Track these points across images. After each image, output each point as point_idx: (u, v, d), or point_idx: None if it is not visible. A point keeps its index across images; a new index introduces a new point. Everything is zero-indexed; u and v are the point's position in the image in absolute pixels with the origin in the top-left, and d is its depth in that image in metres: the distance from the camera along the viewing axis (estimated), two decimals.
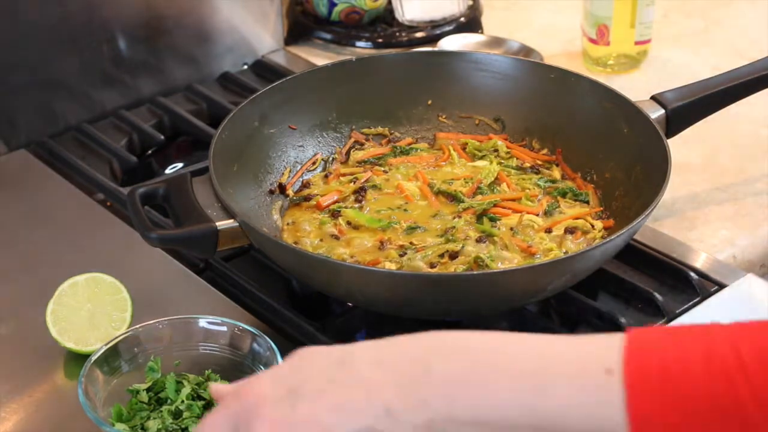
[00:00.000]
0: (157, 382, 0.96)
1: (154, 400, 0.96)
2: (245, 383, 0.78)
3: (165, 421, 0.93)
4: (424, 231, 1.14)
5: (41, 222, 1.23)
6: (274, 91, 1.23)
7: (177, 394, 0.95)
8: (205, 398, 0.95)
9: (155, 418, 0.93)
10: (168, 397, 0.95)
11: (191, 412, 0.93)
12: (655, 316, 1.08)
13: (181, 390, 0.95)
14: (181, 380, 0.96)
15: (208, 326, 0.99)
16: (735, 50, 1.58)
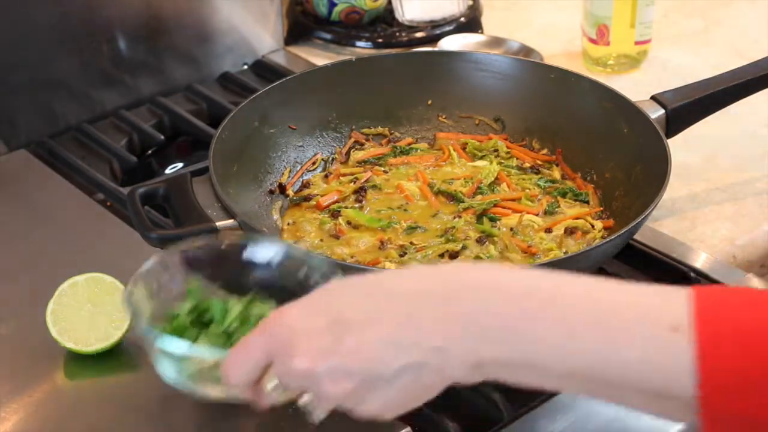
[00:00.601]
0: (199, 305, 0.91)
1: (197, 324, 0.90)
2: (274, 315, 0.76)
3: (215, 342, 0.88)
4: (424, 231, 1.14)
5: (41, 222, 1.23)
6: (274, 91, 1.23)
7: (223, 317, 0.89)
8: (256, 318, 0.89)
9: (203, 339, 0.88)
10: (212, 321, 0.90)
11: (243, 333, 0.87)
12: None
13: (228, 312, 0.90)
14: (226, 303, 0.91)
15: (254, 247, 0.93)
16: (735, 50, 1.58)
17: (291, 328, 0.74)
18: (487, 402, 0.98)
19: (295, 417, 0.95)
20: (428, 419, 0.96)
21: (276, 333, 0.75)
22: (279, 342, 0.74)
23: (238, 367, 0.77)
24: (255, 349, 0.76)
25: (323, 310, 0.74)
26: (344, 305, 0.73)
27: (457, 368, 0.71)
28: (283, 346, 0.74)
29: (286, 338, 0.74)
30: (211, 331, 0.89)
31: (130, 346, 1.03)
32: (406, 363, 0.71)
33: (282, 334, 0.74)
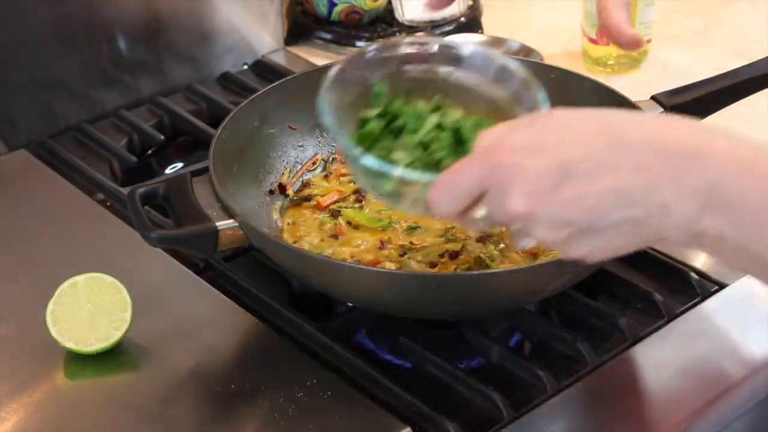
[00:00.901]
0: (389, 111, 0.86)
1: (388, 132, 0.86)
2: (495, 143, 0.71)
3: (414, 153, 0.83)
4: (424, 231, 1.14)
5: (41, 222, 1.23)
6: (274, 91, 1.23)
7: (416, 125, 0.85)
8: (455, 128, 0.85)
9: (399, 150, 0.83)
10: (403, 128, 0.85)
11: (441, 142, 0.83)
12: (655, 316, 1.08)
13: (422, 120, 0.85)
14: (416, 108, 0.86)
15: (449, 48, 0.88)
16: (735, 50, 1.58)
17: (515, 165, 0.70)
18: (487, 402, 0.98)
19: (296, 417, 0.96)
20: (428, 419, 0.96)
21: (498, 166, 0.70)
22: (499, 176, 0.70)
23: (447, 195, 0.74)
24: (470, 177, 0.72)
25: (550, 149, 0.69)
26: (573, 148, 0.69)
27: (675, 231, 0.68)
28: (503, 182, 0.70)
29: (507, 174, 0.70)
30: (405, 141, 0.84)
31: (130, 346, 1.04)
32: (626, 217, 0.69)
33: (504, 169, 0.70)
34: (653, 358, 1.04)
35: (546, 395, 0.99)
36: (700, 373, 1.03)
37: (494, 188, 0.71)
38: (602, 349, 1.05)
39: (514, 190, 0.70)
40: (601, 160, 0.69)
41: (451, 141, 0.84)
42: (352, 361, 1.03)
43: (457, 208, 0.75)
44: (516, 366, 1.03)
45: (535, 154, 0.70)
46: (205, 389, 1.00)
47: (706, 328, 1.08)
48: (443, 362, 1.02)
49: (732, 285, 1.12)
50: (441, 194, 0.74)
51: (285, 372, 1.01)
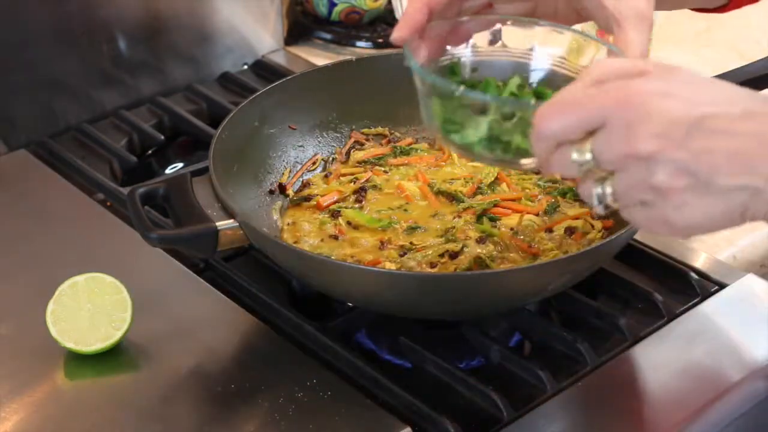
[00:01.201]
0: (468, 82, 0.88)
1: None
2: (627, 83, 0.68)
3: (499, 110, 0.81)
4: (424, 231, 1.14)
5: (41, 222, 1.23)
6: (274, 91, 1.23)
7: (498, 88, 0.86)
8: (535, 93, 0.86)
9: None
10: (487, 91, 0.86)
11: (526, 96, 0.84)
12: (655, 316, 1.08)
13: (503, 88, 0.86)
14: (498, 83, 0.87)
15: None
16: (735, 50, 1.58)
17: (646, 104, 0.68)
18: (487, 402, 0.98)
19: (296, 417, 0.96)
20: (428, 419, 0.96)
21: (627, 102, 0.68)
22: (627, 112, 0.68)
23: (559, 119, 0.70)
24: (592, 106, 0.69)
25: (685, 99, 0.68)
26: (709, 105, 0.68)
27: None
28: (631, 119, 0.68)
29: (636, 112, 0.68)
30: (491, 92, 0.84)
31: (130, 346, 1.04)
32: (747, 183, 0.68)
33: (634, 107, 0.68)
34: (653, 358, 1.04)
35: (546, 395, 0.99)
36: (700, 373, 1.03)
37: (617, 123, 0.69)
38: (602, 349, 1.05)
39: (643, 128, 0.68)
40: (734, 122, 0.68)
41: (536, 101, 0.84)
42: (352, 361, 1.03)
43: (565, 136, 0.71)
44: (516, 366, 1.03)
45: (669, 99, 0.68)
46: (205, 389, 1.00)
47: (706, 328, 1.08)
48: (443, 362, 1.02)
49: (732, 285, 1.12)
50: (552, 116, 0.71)
51: (285, 372, 1.01)
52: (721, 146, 0.68)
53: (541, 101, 0.76)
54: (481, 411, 0.98)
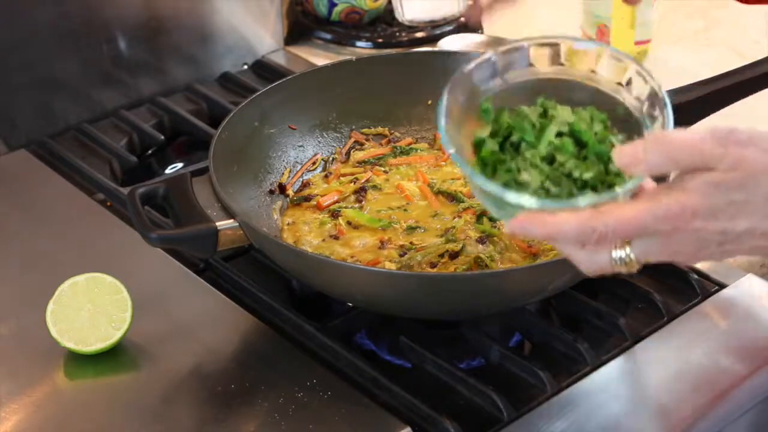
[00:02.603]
0: (501, 126, 0.84)
1: (508, 147, 0.83)
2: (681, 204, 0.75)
3: (542, 170, 0.81)
4: (424, 231, 1.14)
5: (41, 222, 1.23)
6: (274, 91, 1.23)
7: (535, 137, 0.83)
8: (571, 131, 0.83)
9: (526, 169, 0.81)
10: (523, 140, 0.83)
11: (566, 153, 0.82)
12: (655, 316, 1.08)
13: (544, 128, 0.83)
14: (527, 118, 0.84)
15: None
16: (735, 50, 1.58)
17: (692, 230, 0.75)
18: (487, 402, 0.98)
19: (296, 417, 0.96)
20: (428, 419, 0.96)
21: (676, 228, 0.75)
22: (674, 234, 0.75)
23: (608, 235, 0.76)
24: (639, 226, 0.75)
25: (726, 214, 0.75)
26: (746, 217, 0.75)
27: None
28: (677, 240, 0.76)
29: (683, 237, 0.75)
30: (527, 157, 0.82)
31: (130, 346, 1.04)
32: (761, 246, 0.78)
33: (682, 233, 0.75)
34: (653, 358, 1.04)
35: (546, 395, 0.99)
36: (700, 373, 1.03)
37: (664, 240, 0.76)
38: (602, 349, 1.05)
39: (687, 249, 0.77)
40: (765, 232, 0.76)
41: (574, 147, 0.83)
42: (352, 361, 1.03)
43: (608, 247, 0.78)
44: (516, 366, 1.03)
45: (713, 219, 0.75)
46: (205, 389, 1.00)
47: (706, 328, 1.08)
48: (443, 362, 1.02)
49: (732, 285, 1.12)
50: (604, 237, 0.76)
51: (285, 372, 1.01)
52: (748, 245, 0.77)
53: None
54: (481, 411, 0.98)
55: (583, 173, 0.81)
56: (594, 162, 0.82)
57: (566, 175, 0.81)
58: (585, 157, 0.82)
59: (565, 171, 0.81)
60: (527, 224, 0.77)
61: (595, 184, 0.81)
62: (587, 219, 0.76)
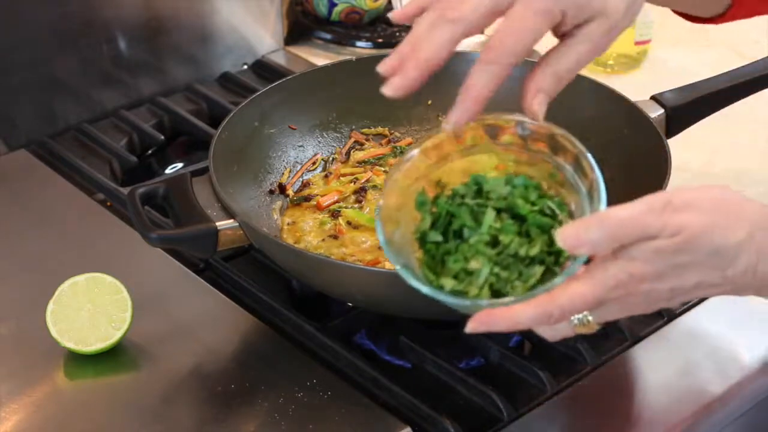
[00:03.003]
0: (440, 217, 0.84)
1: (451, 236, 0.84)
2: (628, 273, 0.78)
3: (489, 257, 0.81)
4: None
5: (41, 222, 1.23)
6: (274, 91, 1.23)
7: (474, 220, 0.83)
8: (508, 208, 0.84)
9: (473, 256, 0.82)
10: (464, 226, 0.83)
11: (508, 233, 0.82)
12: (655, 316, 1.08)
13: (479, 212, 0.83)
14: (464, 200, 0.84)
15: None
16: (735, 50, 1.58)
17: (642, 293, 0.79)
18: (487, 402, 0.98)
19: (296, 417, 0.96)
20: (428, 419, 0.96)
21: (627, 294, 0.79)
22: (625, 300, 0.79)
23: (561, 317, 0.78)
24: (591, 301, 0.78)
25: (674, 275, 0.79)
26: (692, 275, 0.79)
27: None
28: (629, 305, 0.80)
29: (634, 300, 0.80)
30: (472, 243, 0.82)
31: (130, 346, 1.04)
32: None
33: (632, 296, 0.79)
34: (653, 358, 1.04)
35: (546, 395, 0.99)
36: (700, 374, 1.03)
37: (618, 303, 0.80)
38: (602, 349, 1.05)
39: (640, 307, 0.81)
40: (713, 283, 0.80)
41: (515, 224, 0.83)
42: (352, 361, 1.03)
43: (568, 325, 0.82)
44: (516, 366, 1.03)
45: (660, 281, 0.79)
46: (205, 389, 1.00)
47: (705, 328, 1.08)
48: (443, 362, 1.02)
49: None
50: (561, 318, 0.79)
51: (285, 372, 1.01)
52: (696, 294, 0.81)
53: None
54: (480, 411, 0.98)
55: (529, 251, 0.82)
56: (537, 234, 0.82)
57: (513, 255, 0.82)
58: (527, 232, 0.83)
59: (511, 252, 0.82)
60: (486, 322, 0.79)
61: (543, 257, 0.82)
62: (542, 305, 0.78)
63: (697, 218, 0.78)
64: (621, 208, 0.78)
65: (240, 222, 1.03)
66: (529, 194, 0.84)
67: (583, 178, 0.84)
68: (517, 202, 0.83)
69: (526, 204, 0.84)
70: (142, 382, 1.01)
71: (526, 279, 0.81)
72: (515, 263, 0.81)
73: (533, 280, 0.81)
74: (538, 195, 0.84)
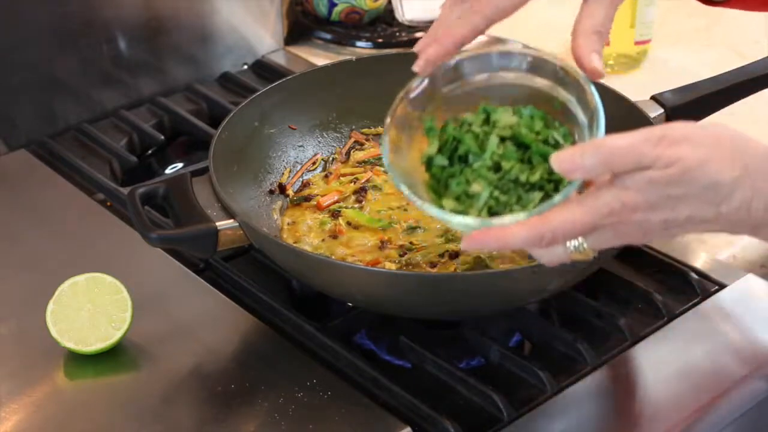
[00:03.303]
0: (447, 141, 0.88)
1: (456, 160, 0.88)
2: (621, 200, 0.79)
3: (490, 181, 0.85)
4: (424, 231, 1.14)
5: (41, 222, 1.23)
6: (274, 91, 1.23)
7: (479, 147, 0.87)
8: (513, 136, 0.87)
9: (475, 180, 0.85)
10: (469, 152, 0.87)
11: (510, 159, 0.86)
12: (655, 316, 1.08)
13: (484, 139, 0.87)
14: (471, 127, 0.88)
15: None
16: (735, 50, 1.58)
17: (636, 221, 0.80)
18: (487, 402, 0.98)
19: (296, 417, 0.96)
20: (428, 419, 0.96)
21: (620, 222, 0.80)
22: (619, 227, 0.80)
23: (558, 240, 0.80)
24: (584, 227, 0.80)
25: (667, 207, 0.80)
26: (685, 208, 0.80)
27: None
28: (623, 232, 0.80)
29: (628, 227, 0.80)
30: (475, 167, 0.86)
31: (130, 346, 1.04)
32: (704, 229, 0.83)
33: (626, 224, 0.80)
34: (653, 358, 1.04)
35: (546, 395, 0.99)
36: (700, 373, 1.03)
37: (612, 230, 0.81)
38: (602, 349, 1.05)
39: (634, 236, 0.81)
40: (705, 218, 0.81)
41: (518, 152, 0.86)
42: (352, 361, 1.03)
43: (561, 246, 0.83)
44: (516, 366, 1.03)
45: (653, 212, 0.80)
46: (205, 389, 1.00)
47: (706, 328, 1.08)
48: (443, 362, 1.02)
49: (732, 285, 1.12)
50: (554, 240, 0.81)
51: (285, 372, 1.01)
52: (689, 229, 0.82)
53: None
54: (481, 411, 0.98)
55: (529, 177, 0.84)
56: (539, 162, 0.85)
57: (513, 180, 0.84)
58: (530, 159, 0.86)
59: (512, 177, 0.84)
60: (480, 240, 0.81)
61: (542, 184, 0.84)
62: (534, 227, 0.80)
63: (693, 152, 0.79)
64: (618, 136, 0.80)
65: (240, 222, 1.03)
66: (534, 124, 0.87)
67: (585, 108, 0.87)
68: (521, 131, 0.86)
69: (530, 133, 0.87)
70: (142, 382, 1.01)
71: (524, 204, 0.84)
72: (515, 188, 0.84)
73: (531, 205, 0.83)
74: (544, 125, 0.87)
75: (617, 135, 0.80)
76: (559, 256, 0.83)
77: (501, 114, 0.88)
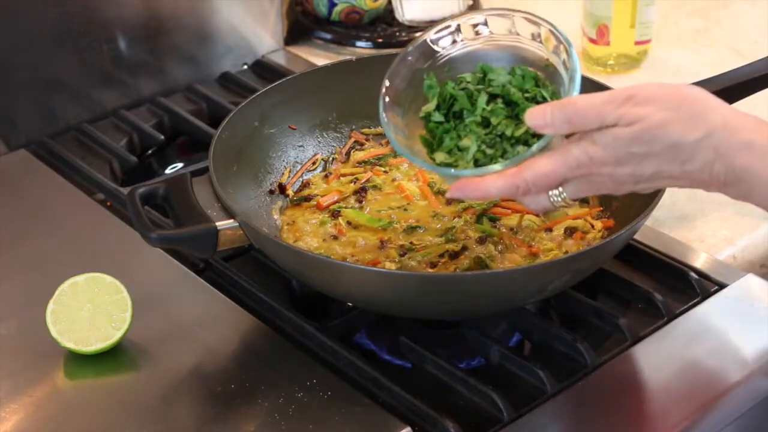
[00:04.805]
0: (445, 99, 0.97)
1: (451, 117, 0.96)
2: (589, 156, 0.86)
3: (479, 135, 0.94)
4: (424, 231, 1.14)
5: (41, 222, 1.23)
6: (274, 91, 1.23)
7: (472, 104, 0.95)
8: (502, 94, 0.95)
9: (466, 135, 0.94)
10: (463, 109, 0.95)
11: (498, 116, 0.94)
12: (655, 316, 1.08)
13: (475, 97, 0.95)
14: (465, 86, 0.96)
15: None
16: (735, 50, 1.58)
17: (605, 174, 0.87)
18: (487, 402, 0.98)
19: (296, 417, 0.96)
20: (428, 419, 0.96)
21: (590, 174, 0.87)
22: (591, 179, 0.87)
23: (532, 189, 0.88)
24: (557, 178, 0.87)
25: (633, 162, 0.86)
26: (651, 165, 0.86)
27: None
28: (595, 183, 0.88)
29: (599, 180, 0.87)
30: (468, 122, 0.94)
31: (130, 346, 1.04)
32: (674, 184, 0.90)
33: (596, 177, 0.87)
34: (653, 358, 1.04)
35: (546, 395, 0.99)
36: (700, 373, 1.03)
37: (585, 181, 0.88)
38: (602, 349, 1.05)
39: (608, 186, 0.88)
40: (672, 175, 0.87)
41: (506, 109, 0.94)
42: (352, 361, 1.03)
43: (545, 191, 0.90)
44: (516, 366, 1.03)
45: (620, 166, 0.87)
46: (205, 389, 1.00)
47: (706, 328, 1.08)
48: (443, 362, 1.02)
49: (732, 285, 1.12)
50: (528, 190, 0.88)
51: (285, 372, 1.01)
52: (659, 184, 0.89)
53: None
54: (481, 411, 0.98)
55: (514, 132, 0.93)
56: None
57: (500, 135, 0.93)
58: (517, 115, 0.93)
59: (498, 132, 0.93)
60: (462, 189, 0.90)
61: (526, 138, 0.92)
62: (510, 178, 0.88)
63: (656, 112, 0.84)
64: (583, 96, 0.87)
65: (240, 222, 1.03)
66: (525, 83, 0.95)
67: (566, 70, 0.94)
68: (510, 89, 0.95)
69: (519, 92, 0.94)
70: (142, 382, 1.01)
71: (509, 158, 0.92)
72: (501, 143, 0.93)
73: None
74: (534, 84, 0.95)
75: (584, 95, 0.86)
76: (543, 204, 0.90)
77: (496, 74, 0.96)
